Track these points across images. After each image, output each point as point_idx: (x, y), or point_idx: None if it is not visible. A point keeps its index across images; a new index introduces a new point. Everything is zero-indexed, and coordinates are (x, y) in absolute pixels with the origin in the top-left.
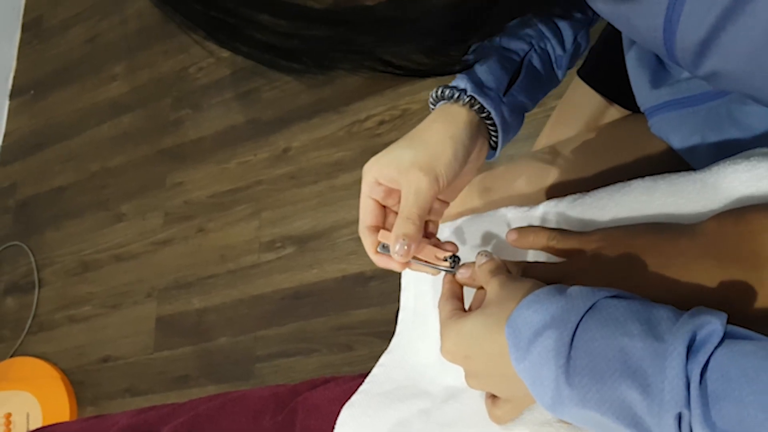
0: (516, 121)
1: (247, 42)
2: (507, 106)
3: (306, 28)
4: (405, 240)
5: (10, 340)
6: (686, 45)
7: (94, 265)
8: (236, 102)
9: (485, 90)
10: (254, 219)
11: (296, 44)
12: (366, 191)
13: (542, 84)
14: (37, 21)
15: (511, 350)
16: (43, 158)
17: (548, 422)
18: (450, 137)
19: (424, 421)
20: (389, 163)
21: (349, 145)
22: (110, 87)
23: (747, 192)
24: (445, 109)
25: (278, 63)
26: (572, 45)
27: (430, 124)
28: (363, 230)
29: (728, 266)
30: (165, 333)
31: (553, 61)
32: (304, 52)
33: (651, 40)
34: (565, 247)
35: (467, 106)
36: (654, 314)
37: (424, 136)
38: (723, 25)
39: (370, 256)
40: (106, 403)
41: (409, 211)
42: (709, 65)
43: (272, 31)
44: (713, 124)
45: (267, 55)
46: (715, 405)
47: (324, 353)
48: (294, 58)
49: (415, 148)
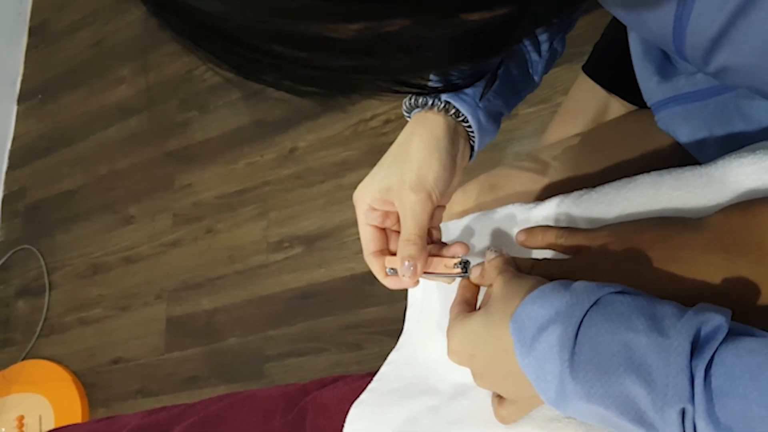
0: (492, 126)
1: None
2: (483, 111)
3: (328, 60)
4: (410, 261)
5: (22, 343)
6: (696, 42)
7: (104, 268)
8: (243, 103)
9: (460, 95)
10: (262, 219)
11: (318, 74)
12: (362, 219)
13: (518, 89)
14: (44, 25)
15: (516, 346)
16: (51, 162)
17: (557, 418)
18: (433, 149)
19: (433, 418)
20: (379, 188)
21: (355, 144)
22: (117, 90)
23: (753, 185)
24: (421, 118)
25: (299, 90)
26: (548, 51)
27: (410, 139)
28: (368, 257)
29: (735, 259)
30: (175, 334)
31: (529, 66)
32: (328, 80)
33: (660, 36)
34: (572, 244)
35: (443, 112)
36: (659, 310)
37: (407, 154)
38: (734, 20)
39: (380, 281)
40: (118, 405)
41: (408, 233)
42: (719, 61)
43: (292, 62)
44: (721, 118)
45: (288, 82)
46: (719, 401)
47: (333, 352)
48: (316, 84)
49: (402, 167)
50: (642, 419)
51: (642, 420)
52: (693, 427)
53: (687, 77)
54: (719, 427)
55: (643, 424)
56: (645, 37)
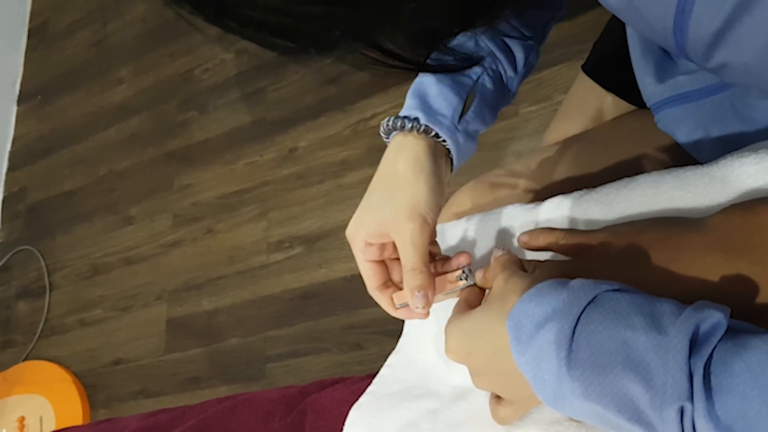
0: (470, 145)
1: (237, 19)
2: (461, 133)
3: (299, 5)
4: (420, 291)
5: (23, 345)
6: (699, 36)
7: (105, 269)
8: (242, 103)
9: (439, 118)
10: (262, 219)
11: (290, 22)
12: (360, 257)
13: (495, 105)
14: (43, 26)
15: (513, 344)
16: (51, 163)
17: (557, 421)
18: (419, 172)
19: (433, 421)
20: (372, 222)
21: (355, 143)
22: (117, 90)
23: (754, 185)
24: (401, 142)
25: (272, 41)
26: (524, 66)
27: (393, 165)
28: (373, 292)
29: (736, 259)
30: (176, 335)
31: (506, 82)
32: (299, 31)
33: (660, 31)
34: (574, 246)
35: (423, 134)
36: (657, 307)
37: (394, 181)
38: (739, 15)
39: (391, 314)
40: (119, 406)
41: (412, 263)
42: (721, 57)
43: (263, 8)
44: (717, 117)
45: (259, 33)
46: (718, 399)
47: (334, 352)
48: (288, 36)
49: (392, 197)
50: (640, 418)
51: (640, 419)
52: (692, 426)
53: (685, 77)
54: (719, 425)
55: (641, 423)
56: (642, 32)
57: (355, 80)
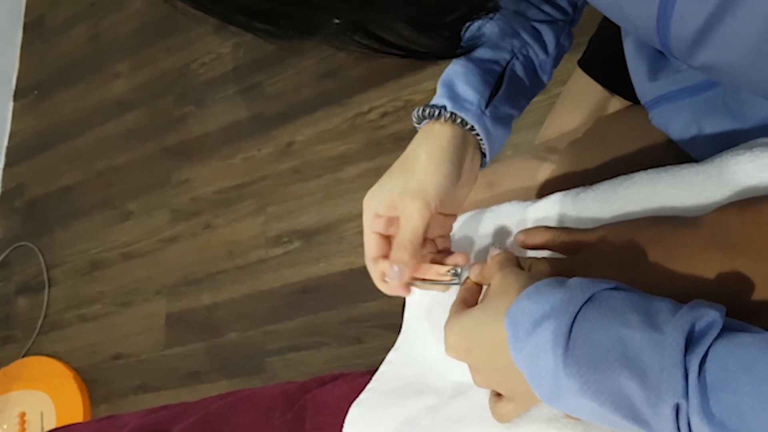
0: (502, 131)
1: (219, 1)
2: (490, 118)
3: None
4: (398, 266)
5: (23, 340)
6: (681, 35)
7: (103, 264)
8: (239, 97)
9: (465, 105)
10: (260, 214)
11: (271, 6)
12: (367, 225)
13: (526, 91)
14: (39, 21)
15: (510, 341)
16: (49, 158)
17: (556, 418)
18: (438, 160)
19: (432, 417)
20: (383, 195)
21: (353, 137)
22: (114, 85)
23: (751, 183)
24: (429, 129)
25: (254, 26)
26: (555, 48)
27: (416, 149)
28: (368, 262)
29: (732, 257)
30: (175, 329)
31: (537, 66)
32: (281, 15)
33: (644, 29)
34: (570, 244)
35: (450, 121)
36: (653, 306)
37: (412, 164)
38: (721, 16)
39: (377, 286)
40: (119, 401)
41: (401, 238)
42: (705, 57)
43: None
44: (709, 114)
45: (241, 16)
46: (713, 396)
47: (334, 346)
48: (270, 20)
49: (405, 176)
50: (636, 415)
51: (636, 416)
52: (687, 423)
53: (677, 74)
54: (713, 422)
55: (637, 420)
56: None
57: (353, 74)
